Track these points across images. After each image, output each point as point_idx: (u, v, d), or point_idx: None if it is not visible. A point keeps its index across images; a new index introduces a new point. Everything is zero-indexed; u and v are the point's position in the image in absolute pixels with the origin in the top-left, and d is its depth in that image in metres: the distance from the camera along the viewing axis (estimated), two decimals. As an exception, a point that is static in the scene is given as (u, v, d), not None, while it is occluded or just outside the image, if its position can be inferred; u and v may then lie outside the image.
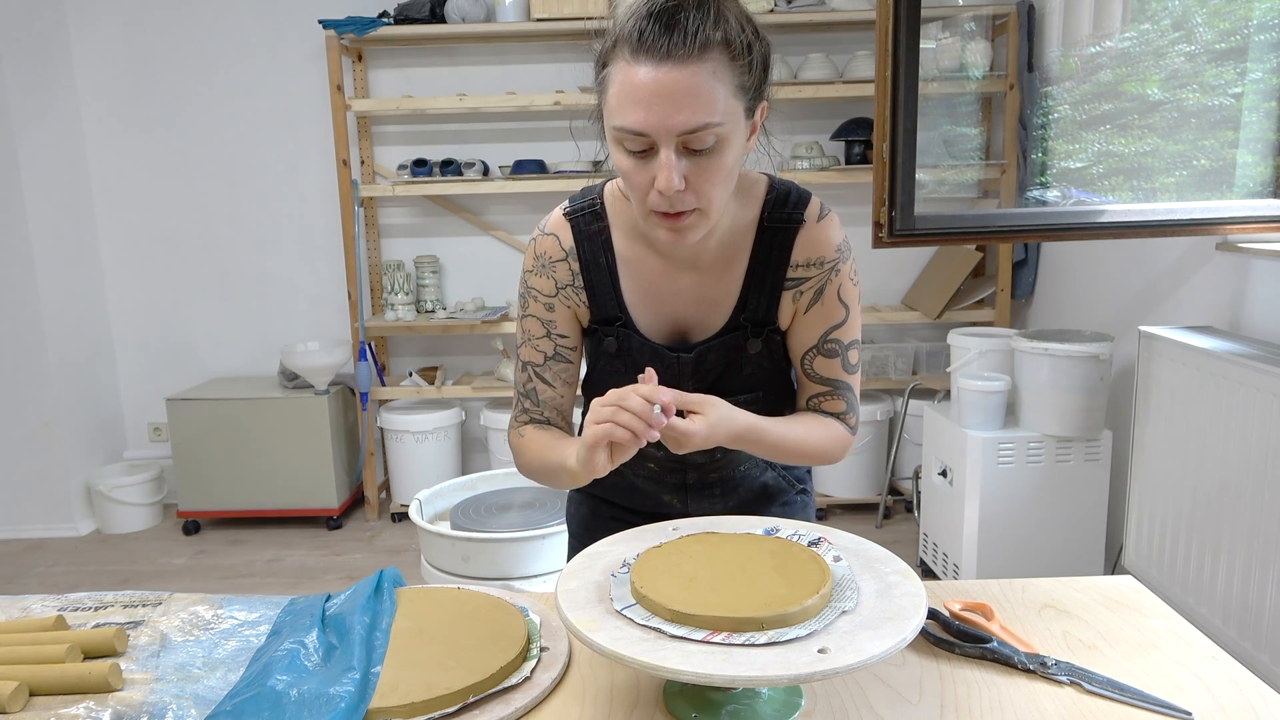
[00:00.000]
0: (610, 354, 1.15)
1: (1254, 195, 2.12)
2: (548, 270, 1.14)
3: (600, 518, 1.29)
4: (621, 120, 0.93)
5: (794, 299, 1.12)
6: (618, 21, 0.95)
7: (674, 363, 1.12)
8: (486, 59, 3.61)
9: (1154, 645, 0.93)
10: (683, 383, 1.14)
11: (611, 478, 1.26)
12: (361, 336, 3.49)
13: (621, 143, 0.95)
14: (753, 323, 1.12)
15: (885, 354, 3.50)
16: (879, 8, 1.71)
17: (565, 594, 0.84)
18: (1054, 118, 3.08)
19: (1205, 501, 2.00)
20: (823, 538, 0.95)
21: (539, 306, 1.15)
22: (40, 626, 0.97)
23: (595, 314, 1.14)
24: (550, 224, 1.15)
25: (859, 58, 3.38)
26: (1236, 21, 2.30)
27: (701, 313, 1.13)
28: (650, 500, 1.26)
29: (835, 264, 1.11)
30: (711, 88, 0.91)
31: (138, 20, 3.57)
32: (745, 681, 0.71)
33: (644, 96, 0.91)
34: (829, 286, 1.11)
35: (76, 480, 3.59)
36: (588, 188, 1.17)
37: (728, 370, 1.14)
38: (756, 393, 1.15)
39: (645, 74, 0.91)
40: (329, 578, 3.12)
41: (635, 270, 1.13)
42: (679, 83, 0.90)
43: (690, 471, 1.23)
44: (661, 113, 0.91)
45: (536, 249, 1.15)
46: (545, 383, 1.15)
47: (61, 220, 3.54)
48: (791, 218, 1.10)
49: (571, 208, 1.15)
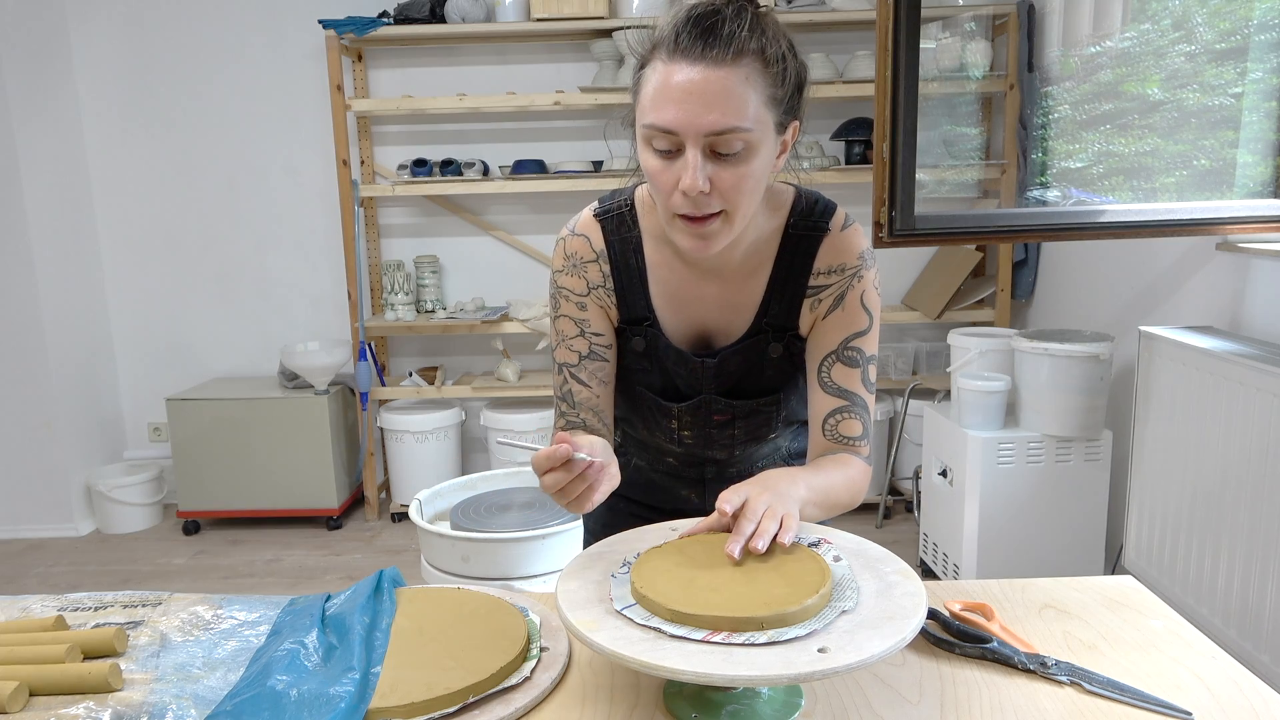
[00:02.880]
0: (637, 353, 1.16)
1: (1254, 195, 2.12)
2: (579, 270, 1.14)
3: (619, 514, 1.30)
4: (652, 118, 0.95)
5: (812, 307, 1.12)
6: (660, 27, 0.98)
7: (698, 367, 1.14)
8: (486, 59, 3.61)
9: (1154, 645, 0.92)
10: (705, 384, 1.15)
11: (630, 474, 1.29)
12: (361, 336, 3.49)
13: (650, 141, 0.96)
14: (774, 327, 1.13)
15: (885, 354, 3.50)
16: (879, 8, 1.71)
17: (565, 594, 0.84)
18: (1054, 118, 3.08)
19: (1205, 502, 2.00)
20: (822, 538, 0.95)
21: (571, 306, 1.15)
22: (40, 626, 0.97)
23: (624, 315, 1.15)
24: (580, 224, 1.16)
25: (859, 58, 3.38)
26: (1236, 21, 2.30)
27: (725, 318, 1.14)
28: (668, 496, 1.28)
29: (858, 270, 1.10)
30: (743, 93, 0.93)
31: (138, 20, 3.57)
32: (745, 681, 0.71)
33: (676, 95, 0.93)
34: (850, 292, 1.10)
35: (76, 480, 3.59)
36: (617, 190, 1.18)
37: (749, 373, 1.15)
38: (776, 394, 1.17)
39: (680, 73, 0.93)
40: (329, 578, 3.12)
41: (663, 275, 1.13)
42: (711, 83, 0.92)
43: (709, 466, 1.24)
44: (692, 111, 0.92)
45: (567, 249, 1.15)
46: (581, 383, 1.15)
47: (61, 220, 3.54)
48: (817, 226, 1.11)
49: (602, 209, 1.15)
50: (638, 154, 1.01)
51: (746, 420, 1.18)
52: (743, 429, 1.19)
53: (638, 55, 1.01)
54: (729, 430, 1.19)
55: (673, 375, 1.16)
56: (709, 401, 1.16)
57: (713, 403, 1.16)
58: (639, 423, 1.23)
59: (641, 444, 1.28)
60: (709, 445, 1.21)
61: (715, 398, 1.16)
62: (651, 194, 1.03)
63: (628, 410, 1.24)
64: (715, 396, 1.16)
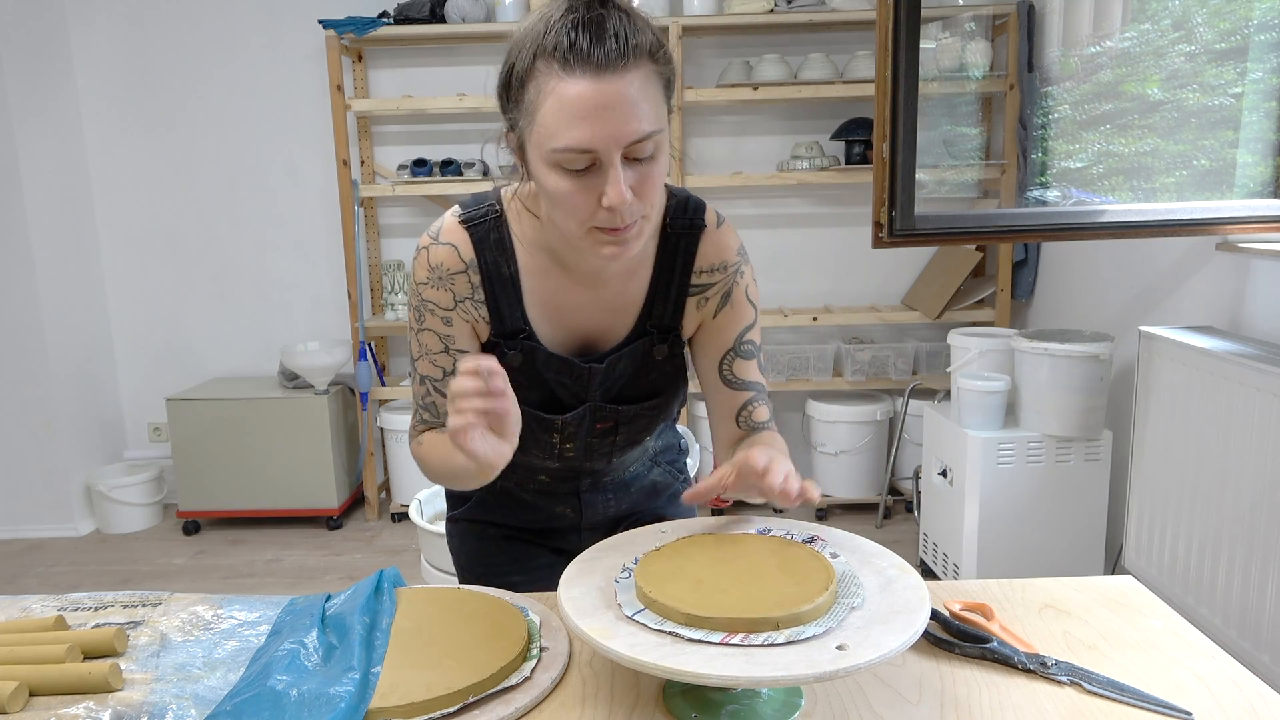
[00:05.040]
0: (514, 367, 1.08)
1: (1254, 195, 2.12)
2: (445, 283, 1.07)
3: (489, 541, 1.25)
4: (564, 140, 0.87)
5: (698, 305, 1.11)
6: (531, 35, 0.90)
7: (584, 373, 1.10)
8: (486, 59, 3.61)
9: (1154, 645, 0.92)
10: (591, 391, 1.11)
11: (498, 496, 1.23)
12: (361, 336, 3.49)
13: (560, 165, 0.90)
14: (658, 329, 1.11)
15: (885, 354, 3.50)
16: (879, 8, 1.71)
17: (569, 601, 0.83)
18: (1054, 118, 3.08)
19: (1205, 502, 2.00)
20: (816, 535, 0.95)
21: (436, 320, 1.08)
22: (40, 626, 0.97)
23: (496, 328, 1.08)
24: (445, 232, 1.07)
25: (859, 58, 3.38)
26: (1236, 21, 2.30)
27: (606, 323, 1.10)
28: (540, 515, 1.24)
29: (738, 266, 1.11)
30: (648, 95, 0.89)
31: (138, 20, 3.57)
32: (771, 682, 0.71)
33: (588, 111, 0.86)
34: (735, 289, 1.11)
35: (76, 480, 3.59)
36: (479, 194, 1.10)
37: (635, 377, 1.13)
38: (660, 397, 1.15)
39: (586, 88, 0.86)
40: (329, 578, 3.12)
41: (538, 283, 1.08)
42: (621, 92, 0.86)
43: (585, 478, 1.21)
44: (610, 126, 0.86)
45: (431, 259, 1.07)
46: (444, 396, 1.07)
47: (61, 220, 3.54)
48: (693, 224, 1.09)
49: (467, 215, 1.08)
50: (534, 177, 0.95)
51: (629, 425, 1.15)
52: (624, 435, 1.16)
53: (507, 69, 0.93)
54: (610, 438, 1.16)
55: (553, 387, 1.11)
56: (594, 410, 1.12)
57: (598, 410, 1.12)
58: None
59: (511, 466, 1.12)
60: (589, 456, 1.17)
61: (601, 405, 1.12)
62: (555, 214, 0.96)
63: None
64: (601, 404, 1.12)
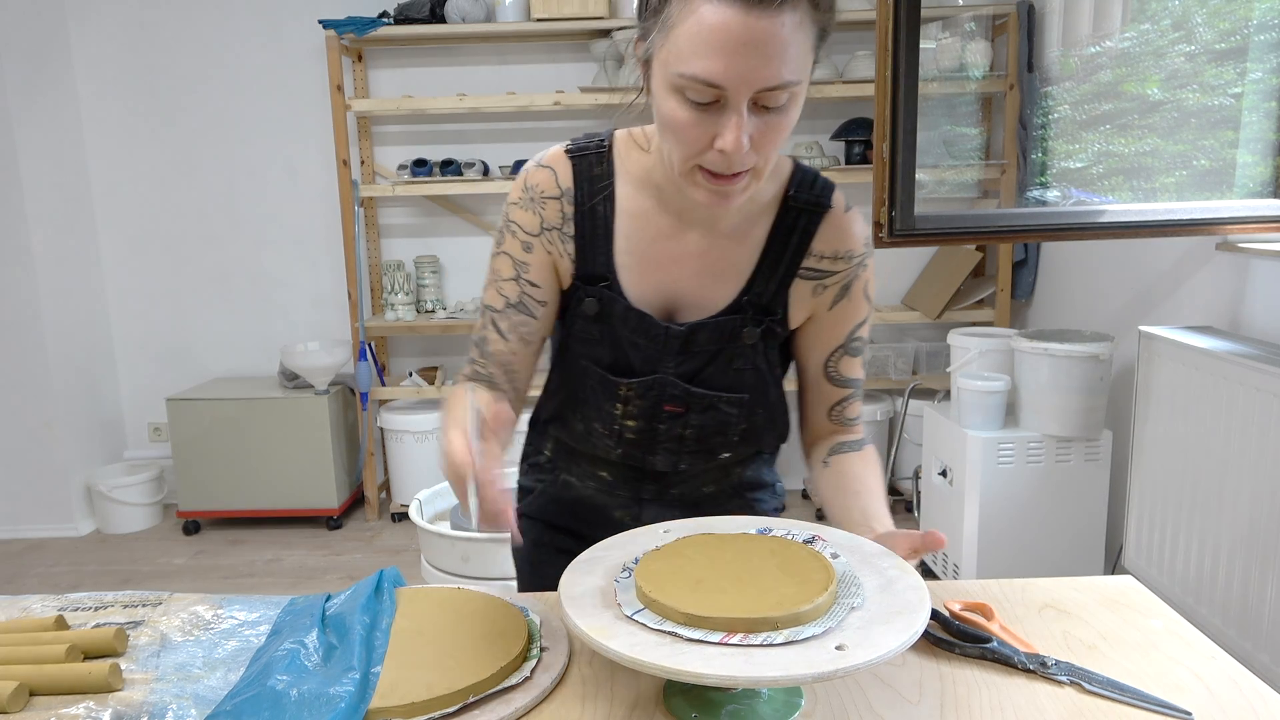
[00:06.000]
0: (588, 317, 1.01)
1: (1254, 195, 2.12)
2: (535, 205, 1.01)
3: (544, 549, 1.18)
4: (693, 67, 0.80)
5: (815, 292, 1.03)
6: None
7: (661, 335, 1.00)
8: (486, 59, 3.61)
9: (1154, 645, 0.92)
10: (665, 360, 1.01)
11: (557, 491, 1.16)
12: (361, 336, 3.49)
13: (683, 91, 0.83)
14: (755, 308, 1.01)
15: (885, 354, 3.50)
16: (879, 8, 1.71)
17: (569, 601, 0.83)
18: (1054, 118, 3.08)
19: (1205, 502, 2.00)
20: (816, 535, 0.95)
21: (515, 244, 1.02)
22: (40, 626, 0.97)
23: (579, 269, 1.01)
24: (548, 157, 1.02)
25: (859, 58, 3.38)
26: (1236, 21, 2.30)
27: (702, 287, 1.01)
28: (599, 518, 1.14)
29: (863, 258, 1.03)
30: (798, 41, 0.81)
31: (138, 20, 3.57)
32: (770, 682, 0.70)
33: (727, 44, 0.79)
34: (856, 283, 1.03)
35: (76, 480, 3.59)
36: (592, 132, 1.04)
37: (716, 358, 1.02)
38: (743, 395, 1.04)
39: (731, 18, 0.78)
40: (329, 578, 3.12)
41: (636, 227, 1.00)
42: (769, 33, 0.78)
43: (648, 482, 1.12)
44: (746, 66, 0.79)
45: (527, 180, 1.01)
46: (499, 334, 1.03)
47: (61, 220, 3.54)
48: (819, 202, 1.01)
49: (575, 145, 1.02)
50: (652, 95, 0.87)
51: (701, 417, 1.04)
52: (695, 429, 1.05)
53: None
54: (679, 427, 1.05)
55: (626, 347, 1.02)
56: (664, 383, 1.02)
57: (668, 385, 1.02)
58: (577, 409, 1.09)
59: (572, 452, 1.14)
60: (653, 446, 1.07)
61: (672, 379, 1.02)
62: (662, 142, 0.89)
63: (565, 396, 1.10)
64: (672, 378, 1.02)
